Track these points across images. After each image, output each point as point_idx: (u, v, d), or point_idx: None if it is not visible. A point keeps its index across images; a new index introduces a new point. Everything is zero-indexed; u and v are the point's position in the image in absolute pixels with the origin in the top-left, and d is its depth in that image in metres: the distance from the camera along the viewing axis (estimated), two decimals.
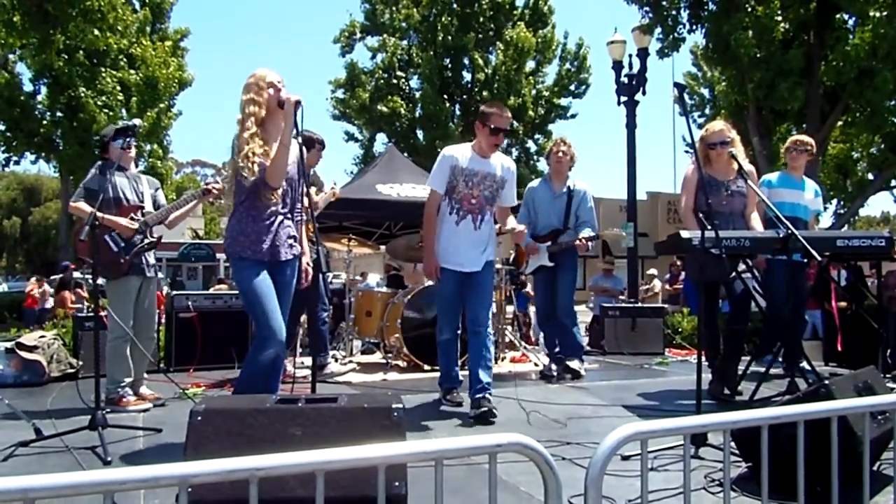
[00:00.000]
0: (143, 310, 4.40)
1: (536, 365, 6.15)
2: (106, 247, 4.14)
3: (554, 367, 5.49)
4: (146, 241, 4.32)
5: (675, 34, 13.02)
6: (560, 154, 5.46)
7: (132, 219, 4.28)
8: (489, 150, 4.24)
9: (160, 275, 4.61)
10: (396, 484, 2.05)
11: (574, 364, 5.43)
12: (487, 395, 4.05)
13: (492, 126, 4.15)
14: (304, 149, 3.34)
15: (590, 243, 5.34)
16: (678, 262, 11.68)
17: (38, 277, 15.13)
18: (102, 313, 4.28)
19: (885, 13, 11.21)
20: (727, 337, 4.63)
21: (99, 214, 3.59)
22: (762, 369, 4.44)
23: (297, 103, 3.21)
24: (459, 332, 4.37)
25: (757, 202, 4.53)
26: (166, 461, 1.25)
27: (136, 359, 4.34)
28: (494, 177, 4.24)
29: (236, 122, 3.33)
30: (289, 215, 3.42)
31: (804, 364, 4.43)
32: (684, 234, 3.92)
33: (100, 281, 3.96)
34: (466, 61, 21.72)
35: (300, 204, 3.50)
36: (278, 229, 3.34)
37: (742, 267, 4.37)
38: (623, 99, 11.05)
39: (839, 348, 6.02)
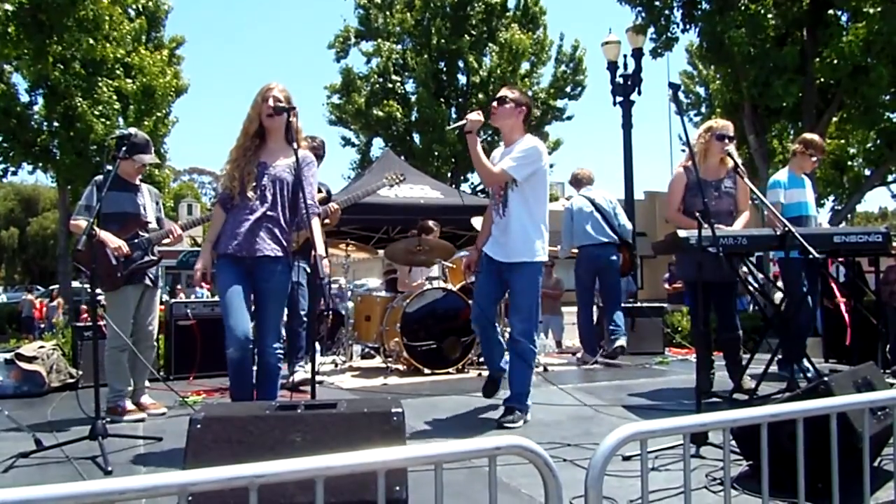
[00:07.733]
0: (144, 320, 4.40)
1: (537, 366, 6.15)
2: (105, 258, 4.14)
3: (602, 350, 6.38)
4: (147, 258, 4.32)
5: (669, 34, 13.01)
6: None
7: (137, 234, 4.28)
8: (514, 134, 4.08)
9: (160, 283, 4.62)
10: (397, 489, 2.05)
11: (621, 341, 6.30)
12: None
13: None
14: (299, 154, 3.35)
15: None
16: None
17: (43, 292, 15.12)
18: (101, 323, 4.27)
19: (878, 9, 11.23)
20: (723, 345, 4.73)
21: (96, 230, 3.61)
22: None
23: (291, 110, 3.25)
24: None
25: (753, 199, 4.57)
26: (167, 470, 1.25)
27: (137, 368, 4.34)
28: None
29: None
30: (273, 214, 3.42)
31: (804, 361, 4.44)
32: (681, 233, 3.91)
33: (98, 290, 3.97)
34: (461, 64, 21.73)
35: (305, 208, 3.40)
36: (254, 227, 3.37)
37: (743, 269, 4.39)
38: (619, 99, 11.08)
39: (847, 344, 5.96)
